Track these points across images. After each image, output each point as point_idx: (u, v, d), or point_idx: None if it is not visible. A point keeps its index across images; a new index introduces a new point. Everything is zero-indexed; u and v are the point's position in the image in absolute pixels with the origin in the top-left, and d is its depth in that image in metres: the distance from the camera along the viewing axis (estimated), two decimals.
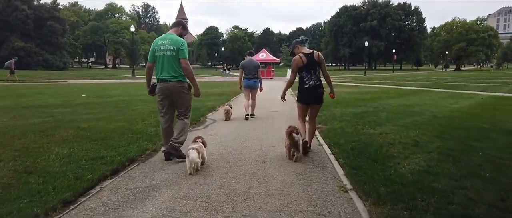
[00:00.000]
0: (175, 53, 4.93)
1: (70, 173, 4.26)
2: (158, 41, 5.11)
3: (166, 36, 5.11)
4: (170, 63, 4.96)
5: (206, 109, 10.64)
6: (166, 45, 4.98)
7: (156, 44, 5.09)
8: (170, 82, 5.01)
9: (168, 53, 4.96)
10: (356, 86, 24.48)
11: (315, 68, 5.42)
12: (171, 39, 5.01)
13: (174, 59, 4.95)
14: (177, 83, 5.03)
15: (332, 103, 12.12)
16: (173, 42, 4.97)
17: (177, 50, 4.93)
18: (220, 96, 14.92)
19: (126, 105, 11.29)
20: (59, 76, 34.07)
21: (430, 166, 4.73)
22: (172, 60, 4.95)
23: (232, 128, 7.97)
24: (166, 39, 5.04)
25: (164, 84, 5.04)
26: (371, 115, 9.63)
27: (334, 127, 7.71)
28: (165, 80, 5.02)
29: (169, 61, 4.96)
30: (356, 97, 14.92)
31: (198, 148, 4.61)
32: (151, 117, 8.80)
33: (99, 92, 16.29)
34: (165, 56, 4.97)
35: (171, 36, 5.06)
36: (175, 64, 4.97)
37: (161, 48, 5.00)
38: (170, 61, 4.96)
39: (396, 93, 17.45)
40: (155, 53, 5.07)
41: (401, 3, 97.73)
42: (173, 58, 4.95)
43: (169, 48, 4.96)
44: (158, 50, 5.02)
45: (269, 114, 10.35)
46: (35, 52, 60.72)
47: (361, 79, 36.34)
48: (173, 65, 4.97)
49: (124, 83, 26.89)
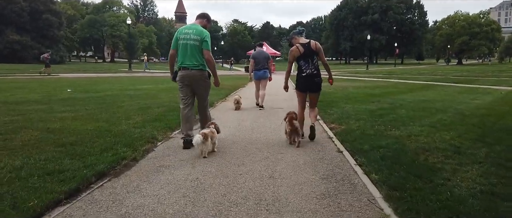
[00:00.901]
0: (199, 43, 5.08)
1: (9, 197, 3.11)
2: (183, 30, 5.21)
3: (191, 26, 5.24)
4: (193, 52, 5.10)
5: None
6: (190, 35, 5.11)
7: (180, 32, 5.19)
8: (191, 71, 5.15)
9: (191, 42, 5.09)
10: (362, 80, 23.32)
11: (312, 57, 5.54)
12: (196, 29, 5.13)
13: (197, 48, 5.09)
14: (198, 72, 5.18)
15: (342, 99, 11.01)
16: (198, 33, 5.10)
17: (201, 41, 5.08)
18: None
19: (112, 101, 10.10)
20: (52, 70, 32.61)
21: (492, 184, 3.58)
22: (195, 50, 5.09)
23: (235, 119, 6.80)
24: (191, 29, 5.16)
25: (186, 72, 5.18)
26: (389, 112, 8.46)
27: (351, 128, 6.55)
28: (187, 68, 5.16)
29: (192, 50, 5.10)
30: (366, 92, 13.78)
31: (208, 132, 4.75)
32: (138, 115, 7.65)
33: (88, 87, 15.07)
34: (188, 45, 5.10)
35: (196, 27, 5.18)
36: (197, 53, 5.11)
37: (185, 37, 5.12)
38: (193, 50, 5.09)
39: (406, 88, 16.27)
40: (178, 41, 5.17)
41: None
42: (196, 48, 5.09)
43: (193, 38, 5.09)
44: (182, 39, 5.14)
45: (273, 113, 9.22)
46: (31, 45, 59.31)
47: (364, 74, 35.17)
48: (196, 54, 5.10)
49: (119, 77, 25.67)
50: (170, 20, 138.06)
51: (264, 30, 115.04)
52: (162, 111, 8.33)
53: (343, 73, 36.54)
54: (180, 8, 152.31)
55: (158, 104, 9.43)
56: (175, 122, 6.83)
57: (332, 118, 7.58)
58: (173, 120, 7.06)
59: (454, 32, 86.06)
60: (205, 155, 4.64)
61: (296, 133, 5.26)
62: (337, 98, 11.43)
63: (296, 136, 5.27)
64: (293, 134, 5.31)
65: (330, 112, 8.47)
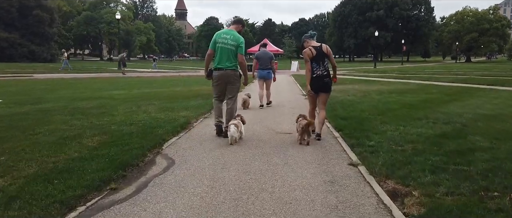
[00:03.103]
0: (235, 48, 5.85)
1: None
2: (221, 34, 5.94)
3: (229, 31, 5.99)
4: (229, 55, 5.85)
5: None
6: (228, 40, 5.84)
7: (219, 36, 5.91)
8: (226, 71, 5.88)
9: (228, 46, 5.83)
10: (378, 82, 20.01)
11: (324, 60, 5.82)
12: (233, 35, 5.88)
13: (233, 52, 5.86)
14: (232, 71, 5.92)
15: (374, 114, 7.82)
16: (235, 39, 5.86)
17: (237, 46, 5.84)
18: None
19: (34, 120, 6.84)
20: (23, 70, 29.34)
21: None
22: (230, 53, 5.85)
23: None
24: (228, 34, 5.90)
25: (221, 72, 5.91)
26: (462, 144, 5.20)
27: (429, 191, 3.35)
28: (222, 69, 5.89)
29: (228, 53, 5.85)
30: (398, 101, 10.51)
31: (237, 123, 5.51)
32: (33, 164, 4.36)
33: (37, 94, 11.87)
34: (225, 48, 5.83)
35: (233, 33, 5.93)
36: (232, 56, 5.87)
37: (223, 42, 5.84)
38: (229, 53, 5.85)
39: (443, 93, 12.92)
40: (216, 44, 5.89)
41: None
42: (232, 52, 5.85)
43: (230, 43, 5.83)
44: (220, 42, 5.86)
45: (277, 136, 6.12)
46: (20, 43, 56.23)
47: (374, 72, 31.91)
48: (231, 57, 5.86)
49: (95, 78, 22.53)
50: (170, 17, 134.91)
51: (266, 27, 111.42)
52: (95, 144, 5.14)
53: (351, 72, 33.32)
54: (180, 5, 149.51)
55: (100, 128, 6.23)
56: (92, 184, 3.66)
57: (381, 162, 4.31)
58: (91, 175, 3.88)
59: (462, 29, 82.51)
60: (233, 142, 5.41)
61: (307, 133, 5.47)
62: (366, 112, 8.21)
63: (307, 136, 5.48)
64: (305, 134, 5.47)
65: (369, 144, 5.22)
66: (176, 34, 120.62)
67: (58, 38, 68.47)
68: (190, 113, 8.13)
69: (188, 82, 19.05)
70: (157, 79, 23.22)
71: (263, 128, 6.84)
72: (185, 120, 7.25)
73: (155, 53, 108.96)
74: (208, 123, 7.14)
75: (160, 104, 9.58)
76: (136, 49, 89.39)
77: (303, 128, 5.35)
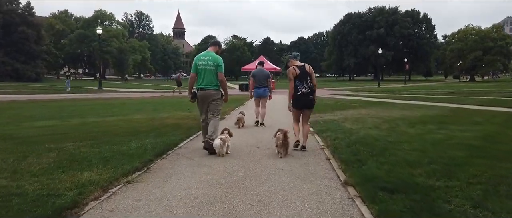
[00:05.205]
0: (214, 68, 6.22)
1: None
2: (201, 57, 6.35)
3: (207, 53, 6.38)
4: (209, 75, 6.22)
5: None
6: (207, 61, 6.24)
7: (199, 59, 6.32)
8: (208, 90, 6.26)
9: (208, 67, 6.23)
10: (392, 104, 16.70)
11: (306, 79, 6.25)
12: (211, 56, 6.29)
13: (213, 72, 6.24)
14: (213, 91, 6.29)
15: (437, 178, 4.50)
16: (214, 59, 6.26)
17: (216, 66, 6.23)
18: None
19: None
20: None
21: None
22: (211, 73, 6.22)
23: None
24: (207, 56, 6.31)
25: (203, 92, 6.28)
26: None
27: None
28: (204, 88, 6.26)
29: (208, 74, 6.22)
30: (452, 141, 7.07)
31: (224, 138, 5.90)
32: None
33: None
34: (206, 70, 6.23)
35: (211, 54, 6.34)
36: (213, 76, 6.24)
37: (203, 63, 6.25)
38: (210, 74, 6.22)
39: (495, 123, 9.69)
40: (197, 66, 6.29)
41: (409, 10, 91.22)
42: (212, 72, 6.22)
43: (210, 64, 6.23)
44: (200, 65, 6.26)
45: None
46: (3, 61, 53.35)
47: (380, 92, 28.81)
48: (212, 77, 6.23)
49: (71, 99, 19.26)
50: (168, 36, 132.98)
51: (265, 46, 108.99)
52: None
53: (355, 92, 30.19)
54: (178, 24, 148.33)
55: None
56: None
57: None
58: None
59: (466, 47, 79.99)
60: (221, 155, 5.80)
61: (285, 146, 5.82)
62: (415, 167, 4.86)
63: (285, 149, 5.83)
64: (283, 147, 5.82)
65: None
66: (172, 53, 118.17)
67: (47, 56, 65.47)
68: (105, 174, 4.53)
69: (161, 106, 15.70)
70: (125, 101, 19.89)
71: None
72: (70, 199, 3.59)
73: (151, 71, 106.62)
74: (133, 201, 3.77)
75: (72, 150, 6.05)
76: (130, 68, 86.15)
77: (282, 141, 5.72)
